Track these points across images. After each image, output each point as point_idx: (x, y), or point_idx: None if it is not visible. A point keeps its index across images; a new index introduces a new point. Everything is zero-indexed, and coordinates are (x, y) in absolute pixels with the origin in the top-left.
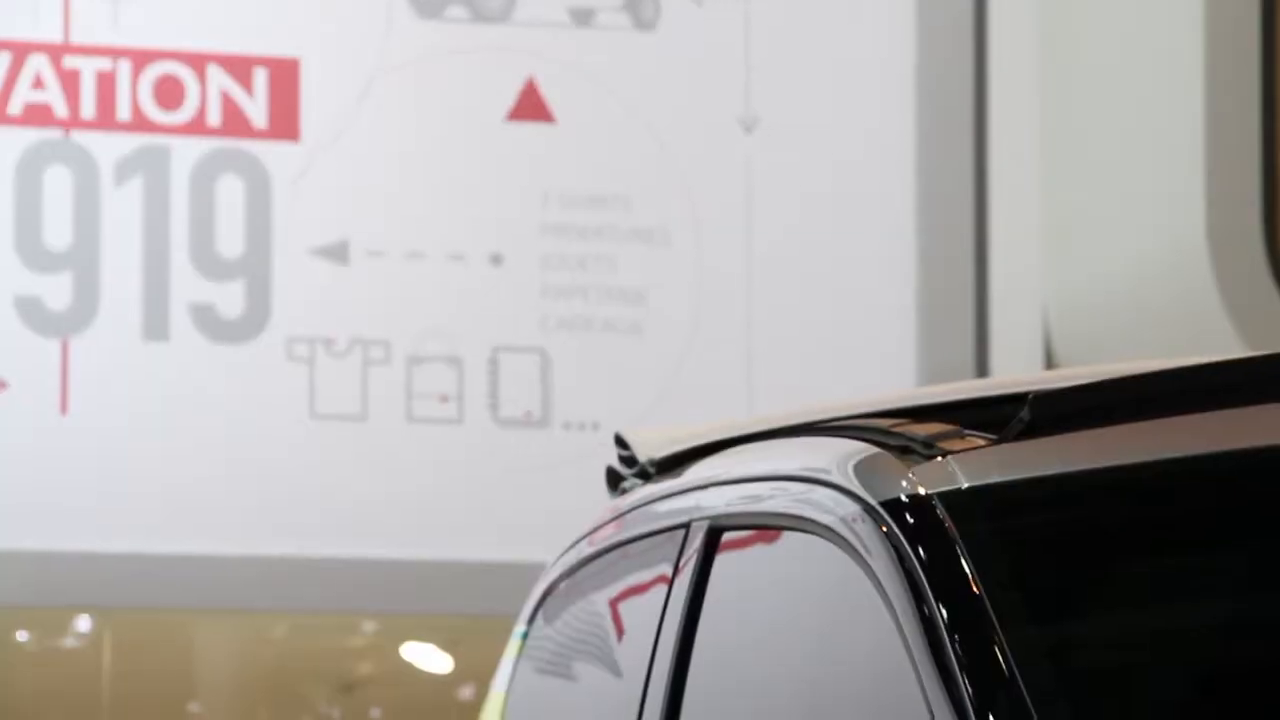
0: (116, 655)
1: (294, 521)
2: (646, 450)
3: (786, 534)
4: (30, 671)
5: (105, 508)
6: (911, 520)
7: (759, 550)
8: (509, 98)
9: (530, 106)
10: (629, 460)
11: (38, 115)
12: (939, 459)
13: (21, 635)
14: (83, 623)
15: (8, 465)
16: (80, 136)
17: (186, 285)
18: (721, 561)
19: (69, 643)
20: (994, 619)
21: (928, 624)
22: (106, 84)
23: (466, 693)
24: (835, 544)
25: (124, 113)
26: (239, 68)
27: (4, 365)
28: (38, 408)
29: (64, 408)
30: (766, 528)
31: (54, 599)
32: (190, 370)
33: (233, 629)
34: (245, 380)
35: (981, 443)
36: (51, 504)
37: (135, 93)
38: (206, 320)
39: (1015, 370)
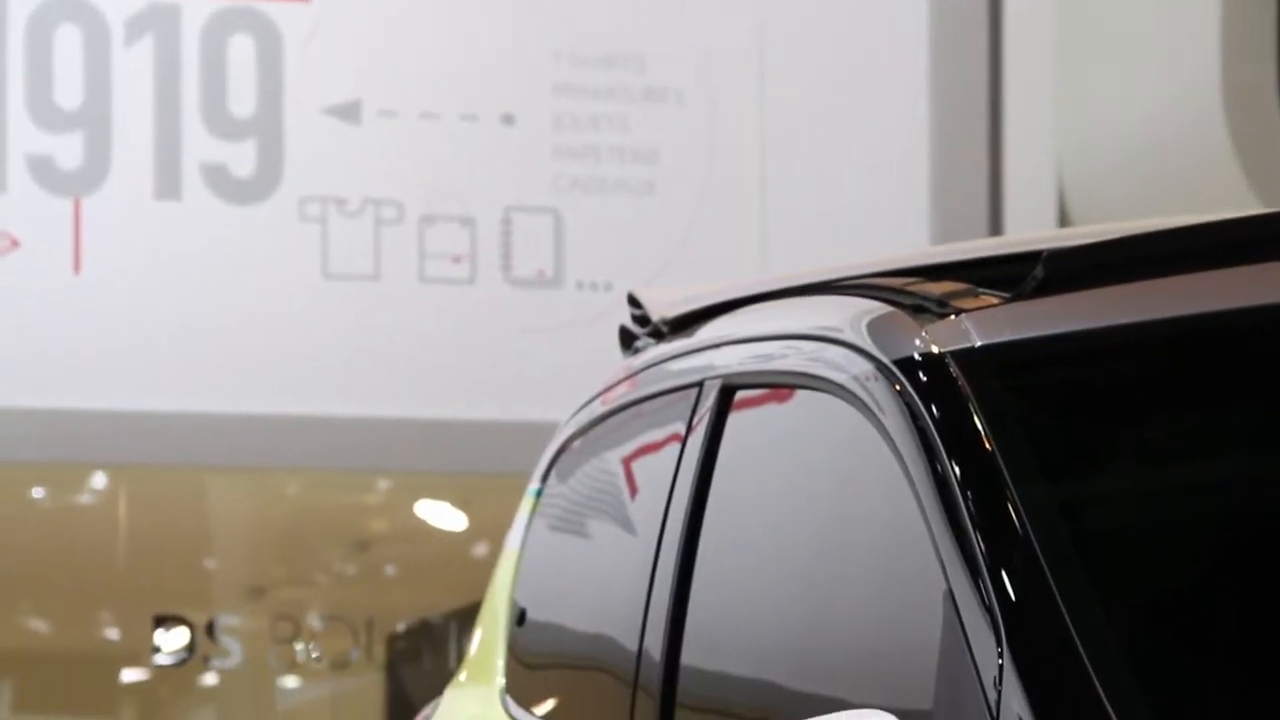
0: (131, 512)
1: (307, 380)
2: (659, 309)
3: (799, 393)
4: (46, 528)
5: (119, 366)
6: (925, 378)
7: (771, 409)
8: None
9: None
10: (642, 319)
11: None
12: (952, 317)
13: (37, 492)
14: (98, 480)
15: (21, 324)
16: None
17: (198, 144)
18: (734, 420)
19: (84, 499)
20: (1007, 476)
21: (940, 482)
22: None
23: (480, 550)
24: (848, 402)
25: None
26: None
27: (16, 224)
28: (50, 267)
29: (77, 267)
30: (779, 386)
31: (69, 456)
32: (202, 230)
33: (247, 486)
34: (257, 240)
35: (995, 301)
36: (65, 362)
37: None
38: (218, 180)
39: (1029, 229)
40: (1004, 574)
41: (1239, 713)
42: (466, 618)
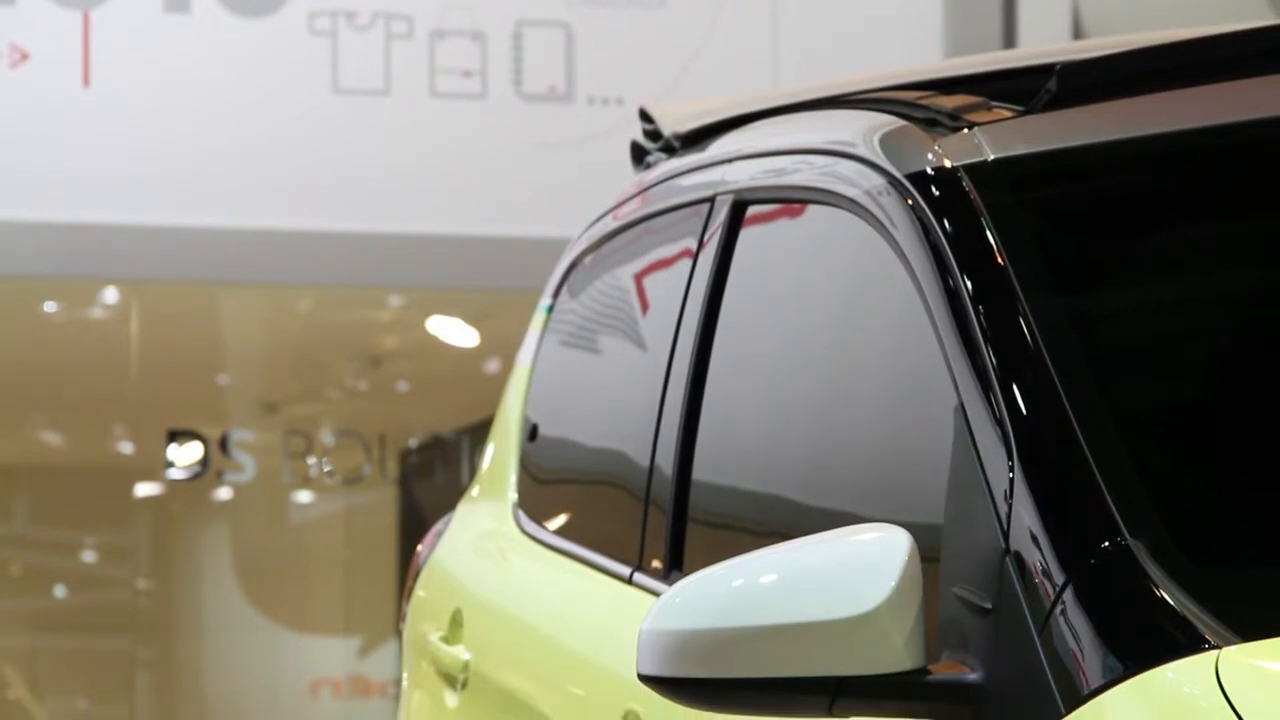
0: (144, 327)
1: (318, 196)
2: (671, 124)
3: (811, 207)
4: (58, 343)
5: (129, 180)
6: (937, 192)
7: (783, 224)
8: None
9: None
10: (653, 134)
11: None
12: (965, 131)
13: (49, 306)
14: (110, 295)
15: (31, 137)
16: None
17: None
18: (746, 235)
19: (96, 314)
20: (1018, 290)
21: (952, 296)
22: None
23: (492, 366)
24: (860, 217)
25: None
26: None
27: (25, 37)
28: (60, 80)
29: (86, 80)
30: (791, 201)
31: (81, 270)
32: (212, 43)
33: (259, 302)
34: (267, 54)
35: (1008, 114)
36: (76, 176)
37: None
38: None
39: (1043, 41)
40: (1015, 388)
41: (1249, 524)
42: (478, 433)
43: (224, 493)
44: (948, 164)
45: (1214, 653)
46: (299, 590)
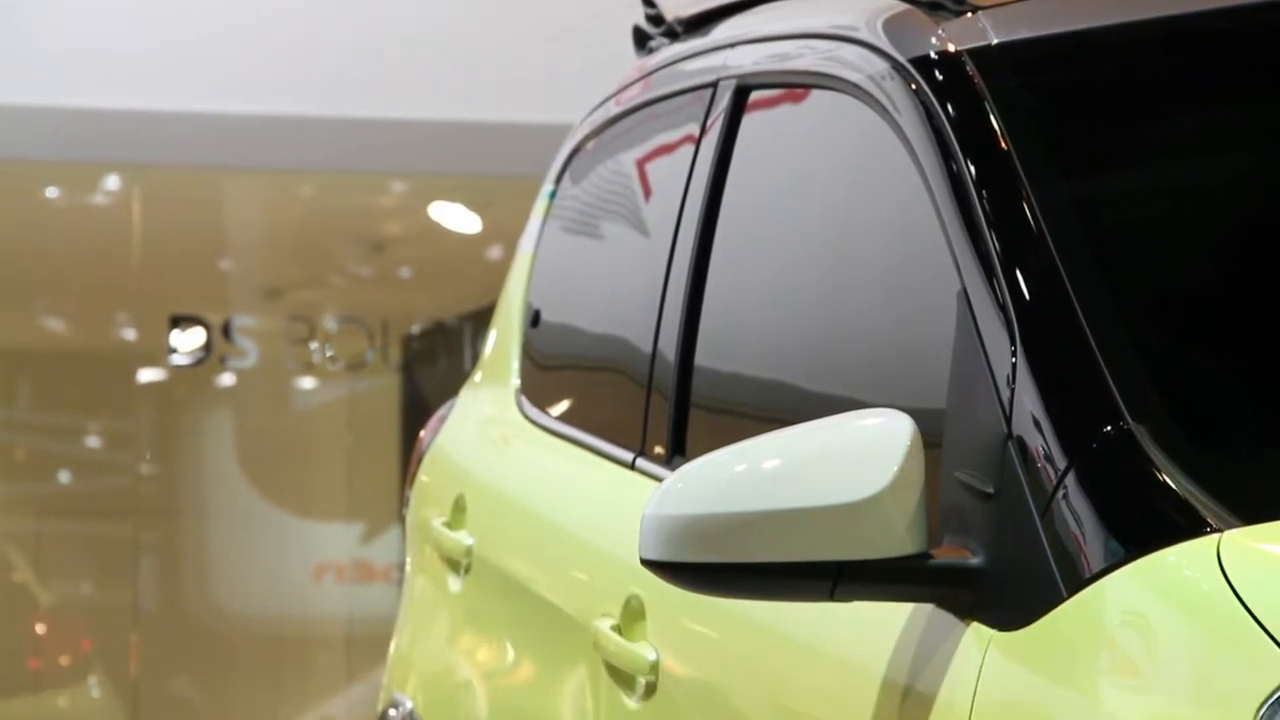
0: (146, 212)
1: (321, 81)
2: (674, 9)
3: (814, 92)
4: (60, 228)
5: (132, 64)
6: (940, 77)
7: (786, 109)
8: None
9: None
10: (656, 19)
11: None
12: (969, 15)
13: (51, 191)
14: (112, 180)
15: (34, 21)
16: None
17: None
18: (749, 120)
19: (98, 199)
20: (1022, 175)
21: (956, 181)
22: None
23: (494, 253)
24: (863, 102)
25: None
26: None
27: None
28: None
29: None
30: (794, 86)
31: (82, 155)
32: None
33: (261, 188)
34: None
35: None
36: (79, 60)
37: None
38: None
39: None
40: (1018, 272)
41: (1252, 408)
42: (481, 319)
43: (227, 378)
44: (951, 48)
45: (1215, 536)
46: (302, 476)
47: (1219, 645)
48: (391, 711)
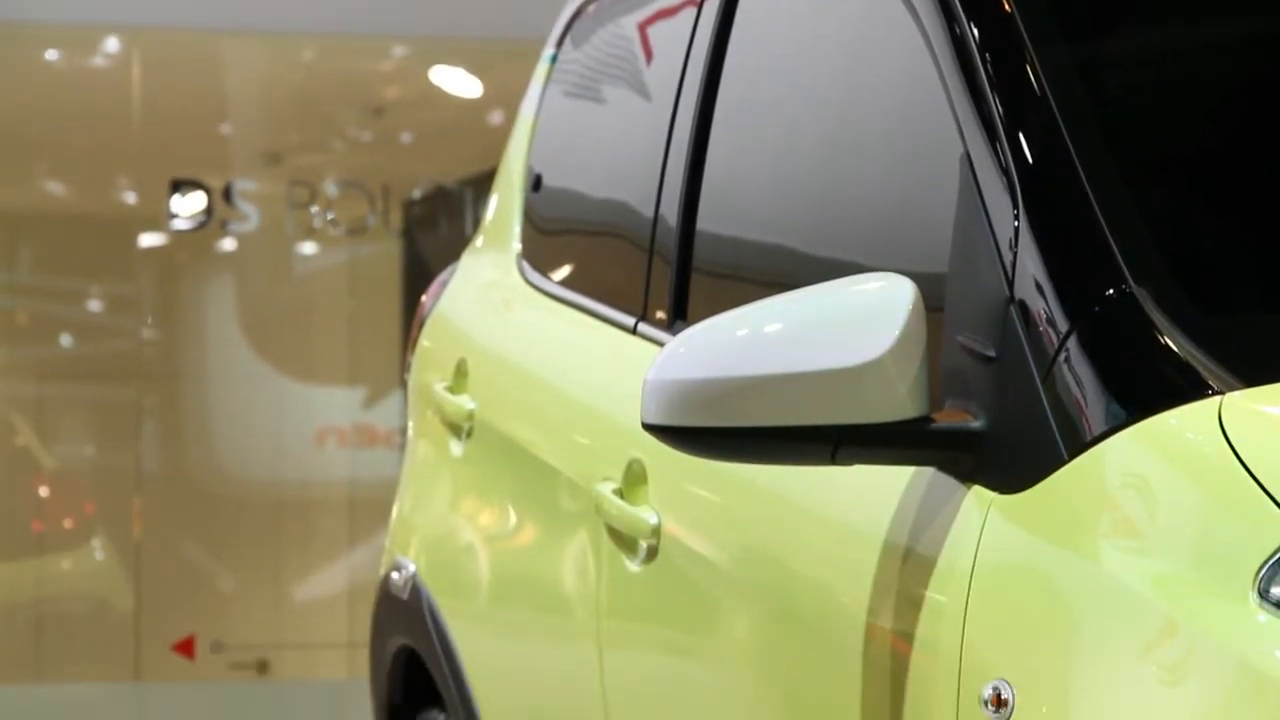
0: (146, 75)
1: None
2: None
3: None
4: (60, 91)
5: None
6: None
7: None
8: None
9: None
10: None
11: None
12: None
13: (51, 54)
14: (111, 43)
15: None
16: None
17: None
18: None
19: (98, 62)
20: (1025, 38)
21: (959, 44)
22: None
23: (496, 118)
24: None
25: None
26: None
27: None
28: None
29: None
30: None
31: (82, 17)
32: None
33: (262, 51)
34: None
35: None
36: None
37: None
38: None
39: None
40: (1021, 136)
41: (1254, 270)
42: (482, 184)
43: (228, 243)
44: None
45: (1217, 398)
46: (304, 340)
47: (1220, 507)
48: (394, 575)
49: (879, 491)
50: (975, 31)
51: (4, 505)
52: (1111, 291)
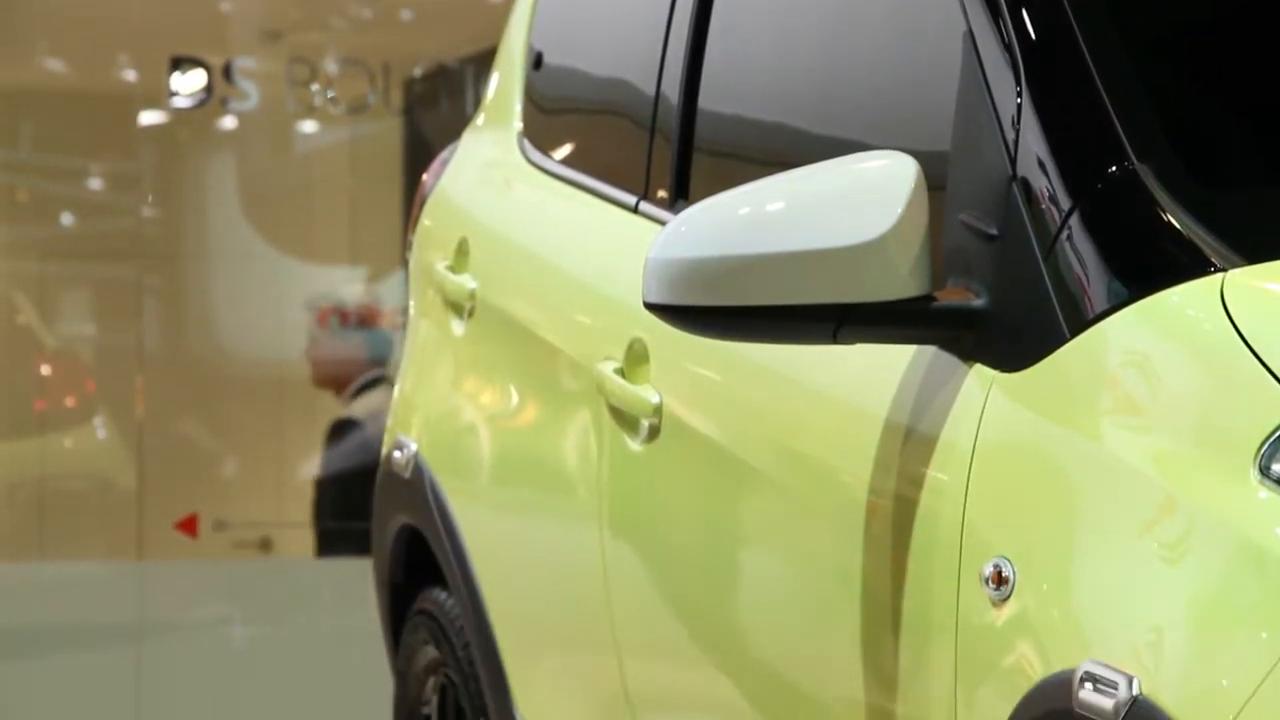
0: None
1: None
2: None
3: None
4: None
5: None
6: None
7: None
8: None
9: None
10: None
11: None
12: None
13: None
14: None
15: None
16: None
17: None
18: None
19: None
20: None
21: None
22: None
23: None
24: None
25: None
26: None
27: None
28: None
29: None
30: None
31: None
32: None
33: None
34: None
35: None
36: None
37: None
38: None
39: None
40: (1024, 12)
41: (1258, 148)
42: (484, 62)
43: (228, 121)
44: None
45: (1219, 275)
46: (305, 219)
47: (1221, 384)
48: (396, 454)
49: (880, 370)
50: None
51: (6, 384)
52: (1114, 169)
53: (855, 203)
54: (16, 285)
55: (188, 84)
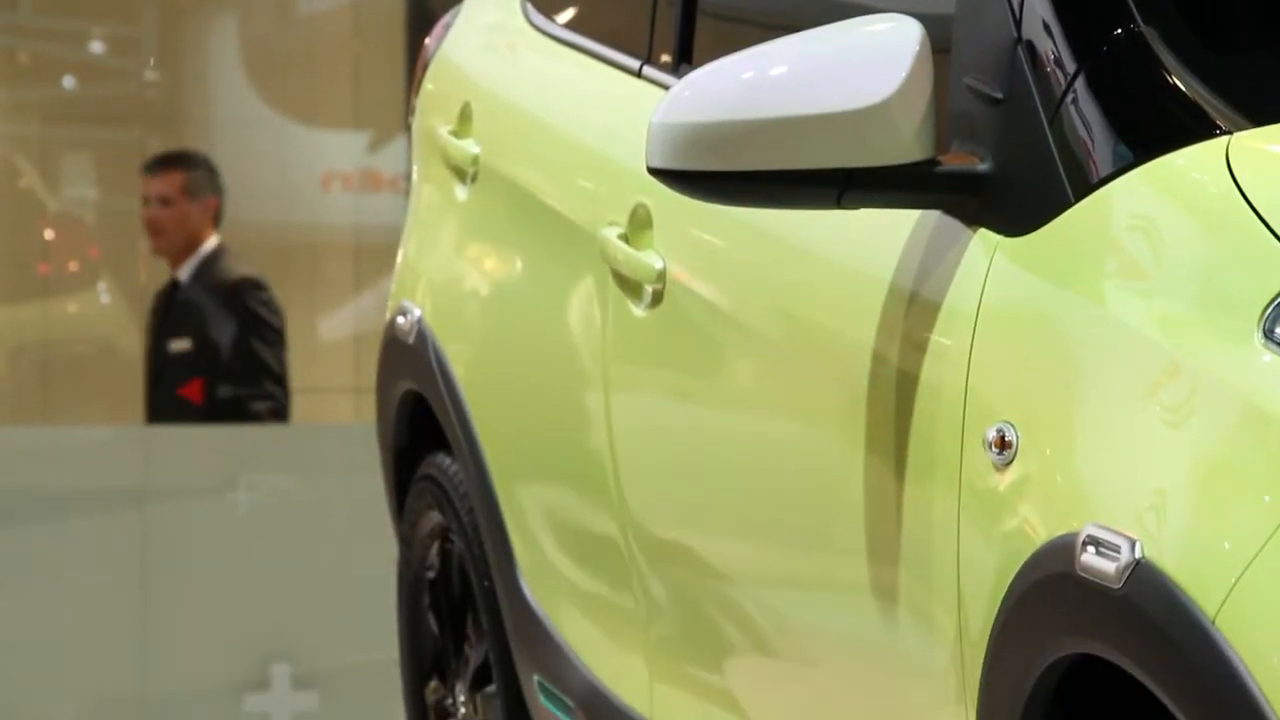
0: None
1: None
2: None
3: None
4: None
5: None
6: None
7: None
8: None
9: None
10: None
11: None
12: None
13: None
14: None
15: None
16: None
17: None
18: None
19: None
20: None
21: None
22: None
23: None
24: None
25: None
26: None
27: None
28: None
29: None
30: None
31: None
32: None
33: None
34: None
35: None
36: None
37: None
38: None
39: None
40: None
41: (1262, 9)
42: None
43: None
44: None
45: (1224, 138)
46: (308, 83)
47: (1226, 248)
48: (399, 319)
49: (884, 235)
50: None
51: (10, 248)
52: (1119, 31)
53: (859, 66)
54: (18, 148)
55: None
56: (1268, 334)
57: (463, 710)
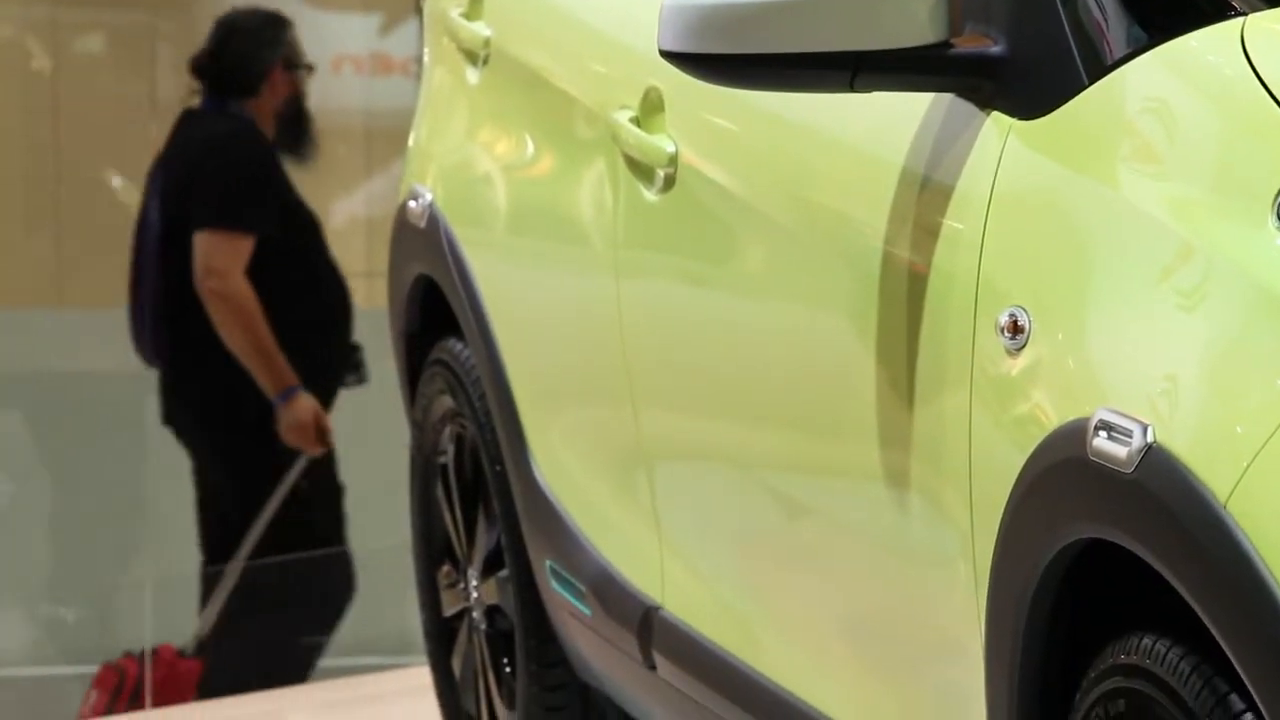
0: None
1: None
2: None
3: None
4: None
5: None
6: None
7: None
8: None
9: None
10: None
11: None
12: None
13: None
14: None
15: None
16: None
17: None
18: None
19: None
20: None
21: None
22: None
23: None
24: None
25: None
26: None
27: None
28: None
29: None
30: None
31: None
32: None
33: None
34: None
35: None
36: None
37: None
38: None
39: None
40: None
41: None
42: None
43: None
44: None
45: (1240, 19)
46: None
47: (1241, 131)
48: (411, 203)
49: (897, 118)
50: None
51: (23, 137)
52: None
53: None
54: (29, 30)
55: None
56: None
57: (475, 595)
